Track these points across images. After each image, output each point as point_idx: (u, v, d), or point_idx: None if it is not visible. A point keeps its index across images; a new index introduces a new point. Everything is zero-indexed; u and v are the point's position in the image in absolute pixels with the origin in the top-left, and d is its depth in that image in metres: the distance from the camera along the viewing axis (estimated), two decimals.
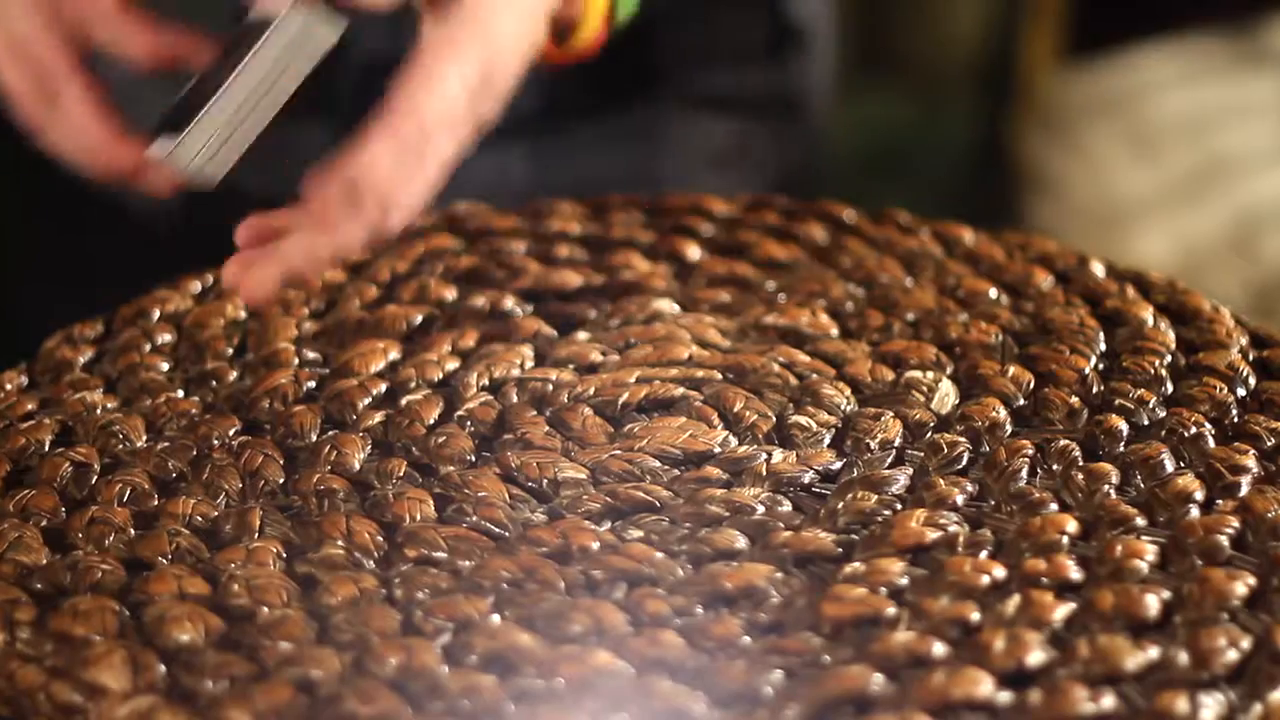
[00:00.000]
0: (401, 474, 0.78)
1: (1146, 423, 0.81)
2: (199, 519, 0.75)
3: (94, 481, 0.78)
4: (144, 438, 0.80)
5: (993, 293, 0.90)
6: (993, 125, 2.08)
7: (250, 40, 0.78)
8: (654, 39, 1.13)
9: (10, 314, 1.24)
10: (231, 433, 0.80)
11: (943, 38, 2.18)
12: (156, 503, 0.77)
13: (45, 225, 1.24)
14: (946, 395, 0.83)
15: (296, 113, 1.06)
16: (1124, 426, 0.80)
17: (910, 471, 0.78)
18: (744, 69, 1.16)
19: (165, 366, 0.86)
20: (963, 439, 0.79)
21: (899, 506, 0.76)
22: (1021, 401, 0.82)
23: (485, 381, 0.84)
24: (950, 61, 2.17)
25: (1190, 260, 1.79)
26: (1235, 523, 0.74)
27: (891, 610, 0.70)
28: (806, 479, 0.78)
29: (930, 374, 0.84)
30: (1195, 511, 0.75)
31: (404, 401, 0.82)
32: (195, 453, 0.79)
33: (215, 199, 1.08)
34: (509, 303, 0.90)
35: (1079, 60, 2.03)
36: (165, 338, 0.87)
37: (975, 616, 0.70)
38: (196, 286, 0.90)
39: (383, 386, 0.84)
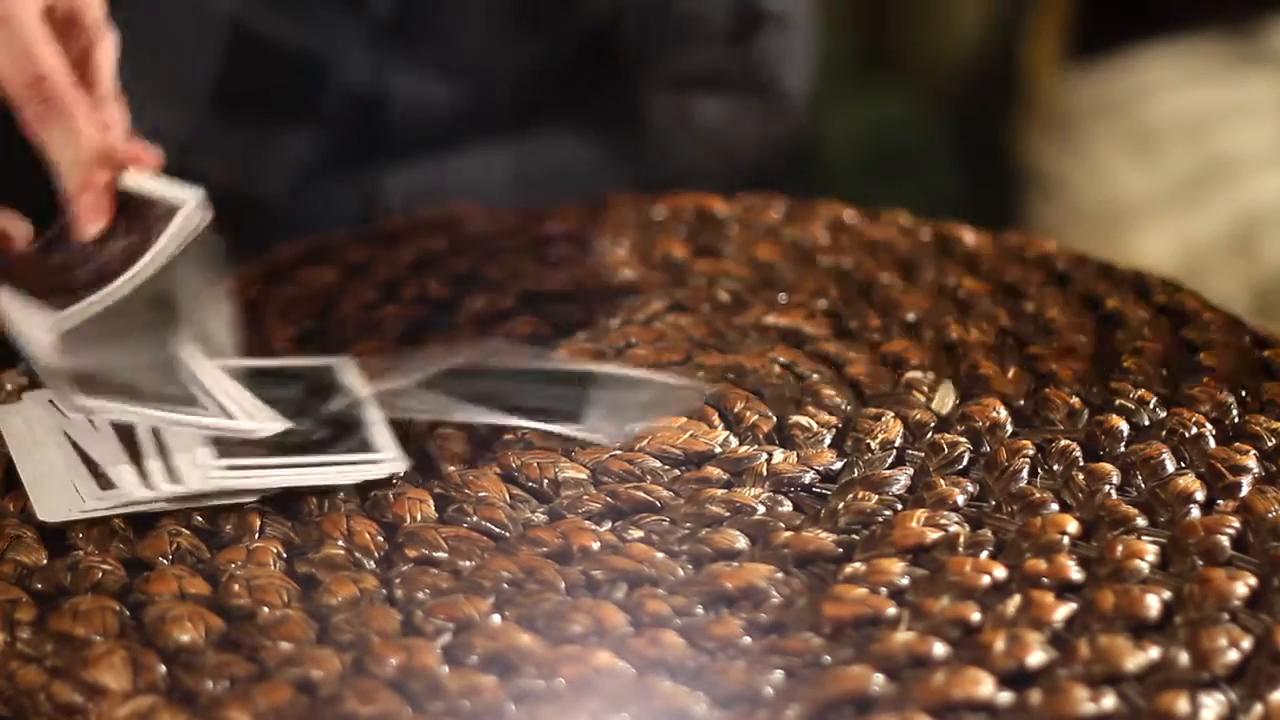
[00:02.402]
0: (401, 474, 0.78)
1: (1147, 423, 0.81)
2: (199, 519, 0.75)
3: None
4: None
5: (993, 293, 0.90)
6: (994, 126, 2.08)
7: (153, 231, 0.77)
8: (622, 24, 1.14)
9: None
10: None
11: (944, 38, 2.18)
12: None
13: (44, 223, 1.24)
14: (946, 395, 0.83)
15: (285, 120, 1.06)
16: (1124, 426, 0.80)
17: (910, 471, 0.78)
18: (713, 50, 1.18)
19: None
20: (963, 439, 0.79)
21: (899, 506, 0.76)
22: (1021, 401, 0.82)
23: None
24: (951, 62, 2.17)
25: (1191, 261, 1.79)
26: (1236, 523, 0.74)
27: (892, 610, 0.70)
28: (807, 479, 0.78)
29: (930, 374, 0.84)
30: (1196, 511, 0.75)
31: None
32: None
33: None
34: (509, 303, 0.89)
35: (1080, 62, 2.03)
36: None
37: (976, 616, 0.70)
38: None
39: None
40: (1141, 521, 0.74)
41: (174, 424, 0.76)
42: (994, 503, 0.76)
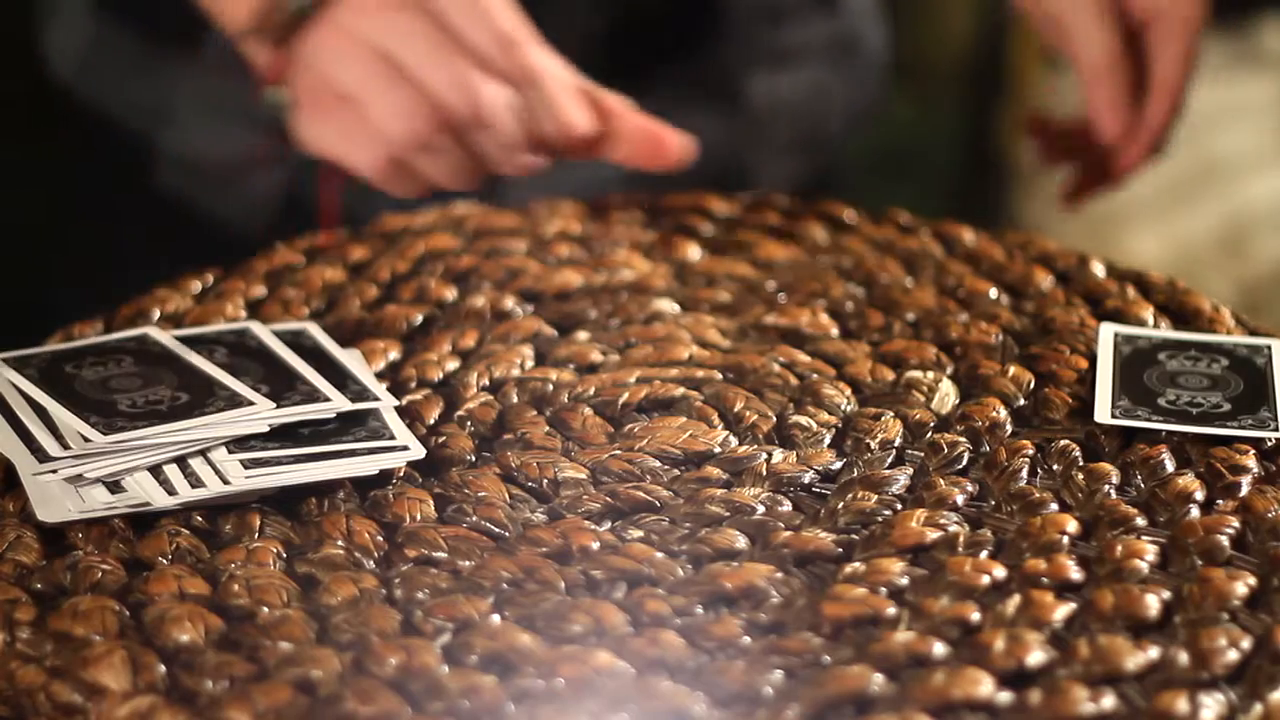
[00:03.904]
0: (401, 474, 0.78)
1: None
2: (199, 519, 0.75)
3: None
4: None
5: (993, 293, 0.90)
6: (983, 125, 2.09)
7: (215, 400, 0.78)
8: (718, 3, 1.14)
9: (11, 313, 1.24)
10: None
11: (941, 37, 2.18)
12: None
13: (58, 224, 1.25)
14: (946, 395, 0.83)
15: None
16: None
17: (910, 471, 0.78)
18: (803, 20, 1.18)
19: None
20: (963, 439, 0.79)
21: (899, 506, 0.76)
22: (1021, 401, 0.82)
23: (485, 381, 0.84)
24: (948, 61, 2.18)
25: (1182, 260, 1.79)
26: (1235, 523, 0.74)
27: (891, 610, 0.70)
28: (806, 479, 0.78)
29: (930, 374, 0.84)
30: (1195, 511, 0.75)
31: (404, 401, 0.82)
32: None
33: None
34: (509, 303, 0.89)
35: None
36: None
37: (975, 616, 0.70)
38: (196, 286, 0.90)
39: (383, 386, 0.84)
40: (1141, 521, 0.74)
41: (194, 436, 0.76)
42: (994, 502, 0.76)
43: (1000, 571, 0.72)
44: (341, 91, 0.84)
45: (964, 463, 0.78)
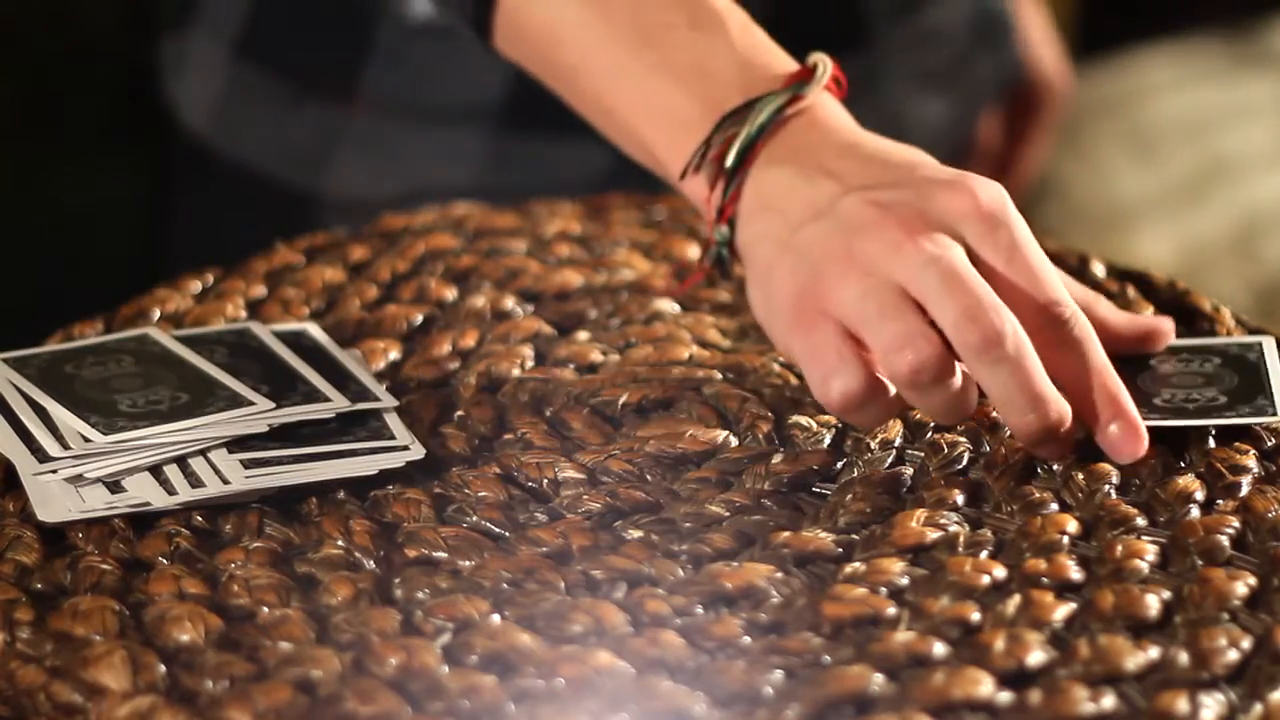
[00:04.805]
0: (401, 474, 0.78)
1: None
2: (199, 519, 0.75)
3: None
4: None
5: None
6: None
7: (207, 404, 0.78)
8: None
9: (11, 313, 1.24)
10: None
11: None
12: None
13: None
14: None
15: (581, 131, 1.04)
16: None
17: (910, 471, 0.78)
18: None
19: None
20: (963, 439, 0.79)
21: (899, 506, 0.76)
22: None
23: (485, 381, 0.84)
24: None
25: (1192, 261, 1.79)
26: (1235, 523, 0.74)
27: (891, 610, 0.70)
28: (807, 479, 0.78)
29: None
30: (1195, 511, 0.75)
31: (404, 401, 0.82)
32: None
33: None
34: (509, 303, 0.90)
35: (1080, 62, 2.03)
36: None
37: (975, 616, 0.70)
38: (196, 286, 0.90)
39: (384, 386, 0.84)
40: (1141, 521, 0.74)
41: (194, 436, 0.76)
42: (994, 502, 0.76)
43: (1000, 571, 0.72)
44: (837, 315, 0.76)
45: (964, 463, 0.78)
